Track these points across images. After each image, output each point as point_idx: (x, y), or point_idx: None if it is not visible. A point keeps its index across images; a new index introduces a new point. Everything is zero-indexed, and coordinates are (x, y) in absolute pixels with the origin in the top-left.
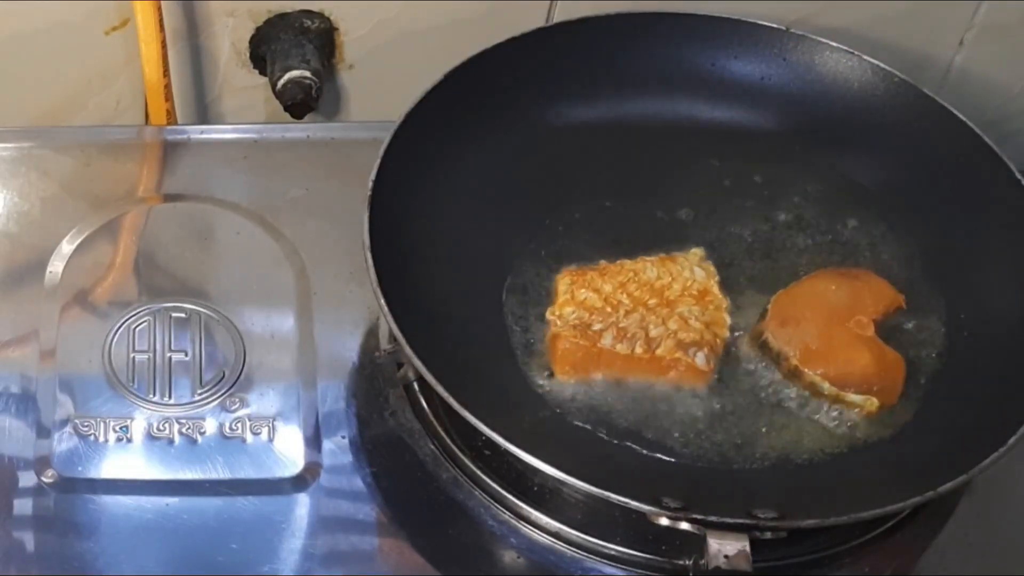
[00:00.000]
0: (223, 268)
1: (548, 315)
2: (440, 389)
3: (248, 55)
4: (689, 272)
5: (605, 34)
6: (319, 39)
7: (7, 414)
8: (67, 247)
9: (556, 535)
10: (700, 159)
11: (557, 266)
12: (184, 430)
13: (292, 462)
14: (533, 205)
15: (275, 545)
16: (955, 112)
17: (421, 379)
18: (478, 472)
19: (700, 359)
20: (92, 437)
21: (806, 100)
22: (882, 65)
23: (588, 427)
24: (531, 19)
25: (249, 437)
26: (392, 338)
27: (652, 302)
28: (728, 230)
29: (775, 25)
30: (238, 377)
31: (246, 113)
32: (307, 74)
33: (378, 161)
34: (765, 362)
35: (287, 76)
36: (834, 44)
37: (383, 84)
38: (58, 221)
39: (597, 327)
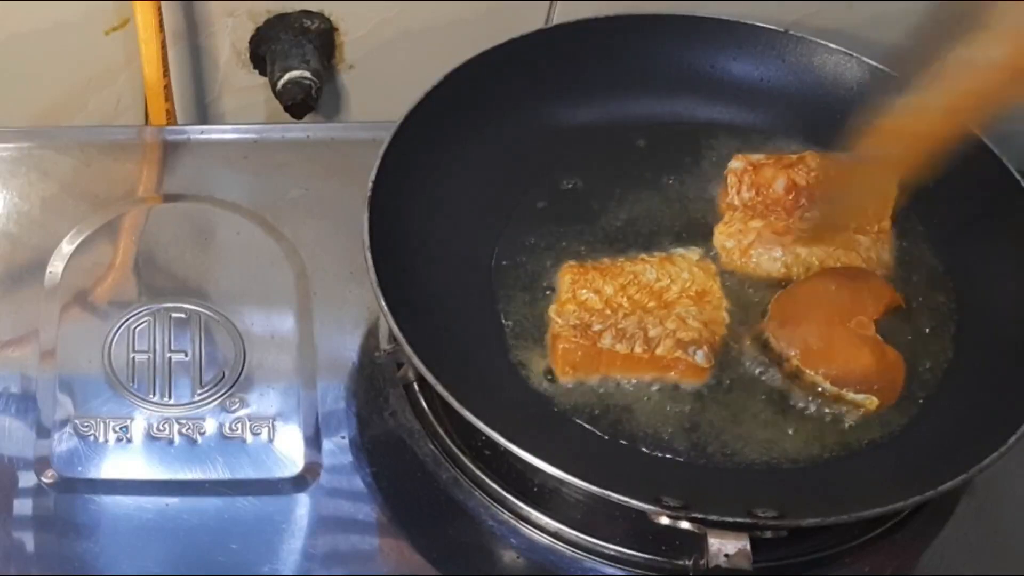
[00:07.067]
0: (223, 268)
1: (550, 312)
2: (440, 389)
3: (248, 55)
4: (688, 273)
5: (605, 35)
6: (319, 39)
7: (7, 414)
8: (67, 247)
9: (556, 535)
10: (699, 160)
11: (558, 266)
12: (184, 430)
13: (292, 462)
14: (533, 205)
15: (275, 545)
16: None
17: (421, 379)
18: (478, 472)
19: (700, 357)
20: (92, 437)
21: (805, 101)
22: (880, 66)
23: (588, 426)
24: (531, 20)
25: (249, 437)
26: (392, 338)
27: (651, 304)
28: None
29: (774, 27)
30: (238, 377)
31: (246, 113)
32: (307, 74)
33: (378, 161)
34: (766, 362)
35: (287, 76)
36: (832, 45)
37: (383, 84)
38: (58, 221)
39: (597, 327)
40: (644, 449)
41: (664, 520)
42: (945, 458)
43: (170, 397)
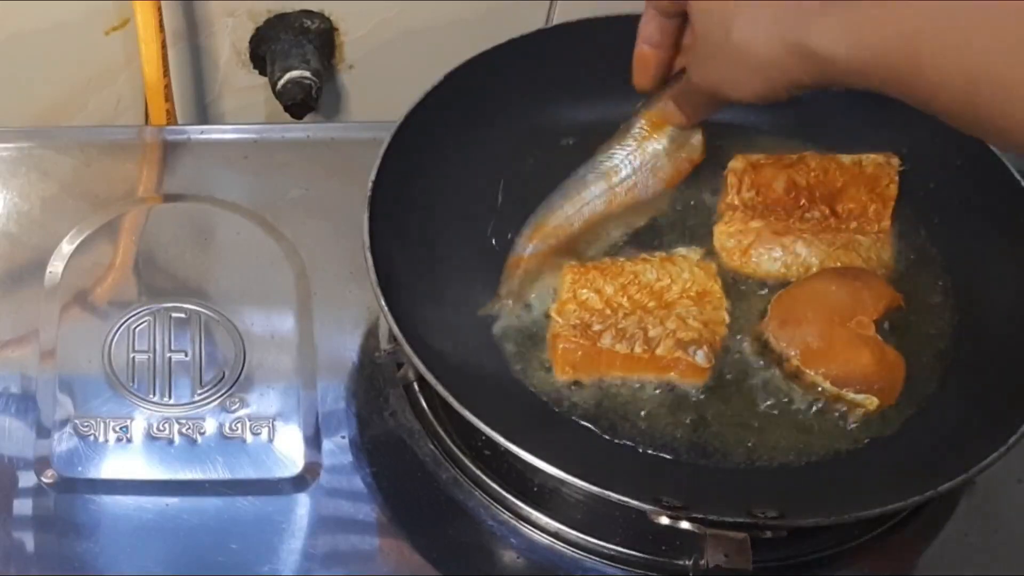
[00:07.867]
0: (223, 268)
1: (550, 312)
2: (440, 389)
3: (248, 55)
4: (688, 273)
5: (605, 35)
6: (319, 39)
7: (7, 414)
8: (67, 247)
9: (556, 535)
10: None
11: (557, 265)
12: (184, 430)
13: (292, 462)
14: (533, 205)
15: (275, 545)
16: None
17: (421, 379)
18: (478, 472)
19: (700, 357)
20: (92, 437)
21: (804, 101)
22: None
23: (588, 426)
24: (531, 20)
25: (249, 437)
26: (392, 338)
27: (651, 304)
28: None
29: None
30: (238, 377)
31: (246, 113)
32: (307, 74)
33: (378, 161)
34: (766, 362)
35: (287, 76)
36: None
37: (383, 84)
38: (58, 221)
39: (597, 327)
40: (644, 449)
41: (664, 520)
42: (945, 458)
43: (170, 397)
